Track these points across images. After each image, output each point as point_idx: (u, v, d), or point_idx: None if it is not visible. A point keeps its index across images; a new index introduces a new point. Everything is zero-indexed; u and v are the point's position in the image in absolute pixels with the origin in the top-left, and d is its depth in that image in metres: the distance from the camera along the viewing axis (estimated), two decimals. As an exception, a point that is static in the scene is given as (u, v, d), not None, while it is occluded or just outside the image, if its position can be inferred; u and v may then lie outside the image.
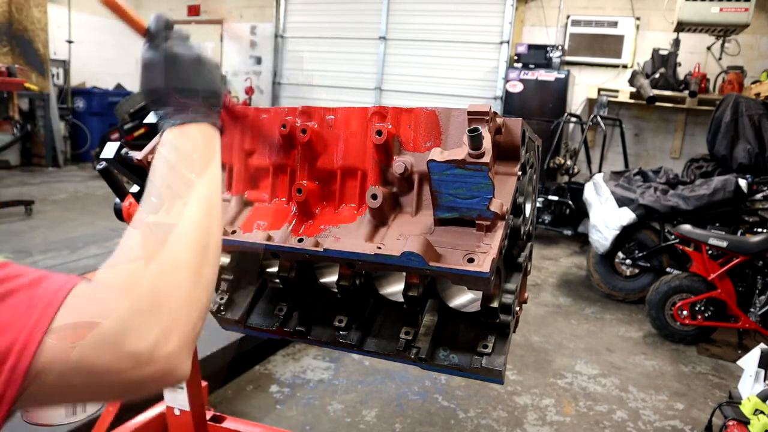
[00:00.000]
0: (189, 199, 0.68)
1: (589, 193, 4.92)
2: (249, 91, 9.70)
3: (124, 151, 1.11)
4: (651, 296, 3.96)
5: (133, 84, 10.89)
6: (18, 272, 0.56)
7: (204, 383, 1.87)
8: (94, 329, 0.54)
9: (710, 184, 4.34)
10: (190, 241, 0.65)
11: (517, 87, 7.12)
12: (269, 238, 1.02)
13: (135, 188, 1.17)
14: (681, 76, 6.77)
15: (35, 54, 8.50)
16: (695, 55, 7.06)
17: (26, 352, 0.50)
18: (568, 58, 7.53)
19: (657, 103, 6.54)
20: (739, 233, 4.13)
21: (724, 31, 6.11)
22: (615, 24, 7.44)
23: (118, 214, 1.38)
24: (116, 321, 0.55)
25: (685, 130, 7.44)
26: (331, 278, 1.13)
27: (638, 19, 7.41)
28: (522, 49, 7.32)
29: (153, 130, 1.16)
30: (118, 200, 1.37)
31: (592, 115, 6.33)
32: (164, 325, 0.58)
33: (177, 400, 1.52)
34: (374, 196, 0.99)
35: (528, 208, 1.11)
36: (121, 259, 0.64)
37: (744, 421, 1.97)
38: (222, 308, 1.20)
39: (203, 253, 0.66)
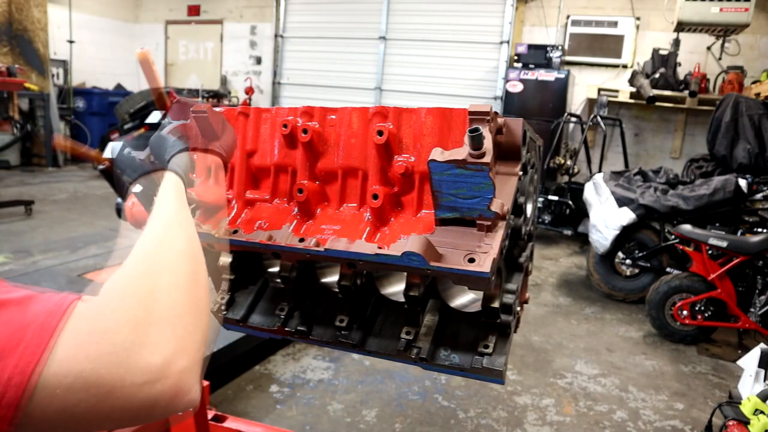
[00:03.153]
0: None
1: (589, 193, 4.91)
2: (249, 91, 9.71)
3: (126, 151, 1.11)
4: (651, 296, 3.96)
5: (133, 84, 10.90)
6: (5, 288, 0.51)
7: (205, 383, 1.87)
8: (105, 338, 0.50)
9: (710, 184, 4.34)
10: (185, 263, 0.64)
11: (517, 87, 7.12)
12: (270, 237, 1.03)
13: (137, 188, 1.17)
14: (681, 76, 6.78)
15: (35, 54, 8.51)
16: (695, 55, 7.07)
17: (21, 385, 0.45)
18: (568, 58, 7.53)
19: (657, 103, 6.54)
20: (739, 233, 4.13)
21: (724, 31, 6.12)
22: (615, 24, 7.45)
23: (120, 213, 1.39)
24: (130, 331, 0.51)
25: (685, 130, 7.44)
26: (332, 278, 1.13)
27: (638, 19, 7.41)
28: (522, 49, 7.32)
29: (153, 131, 1.16)
30: (119, 199, 1.37)
31: (592, 115, 6.33)
32: (179, 339, 0.54)
33: (178, 399, 1.52)
34: (375, 196, 0.99)
35: (529, 208, 1.11)
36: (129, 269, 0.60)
37: (744, 421, 1.97)
38: (223, 308, 1.20)
39: (196, 279, 0.64)
